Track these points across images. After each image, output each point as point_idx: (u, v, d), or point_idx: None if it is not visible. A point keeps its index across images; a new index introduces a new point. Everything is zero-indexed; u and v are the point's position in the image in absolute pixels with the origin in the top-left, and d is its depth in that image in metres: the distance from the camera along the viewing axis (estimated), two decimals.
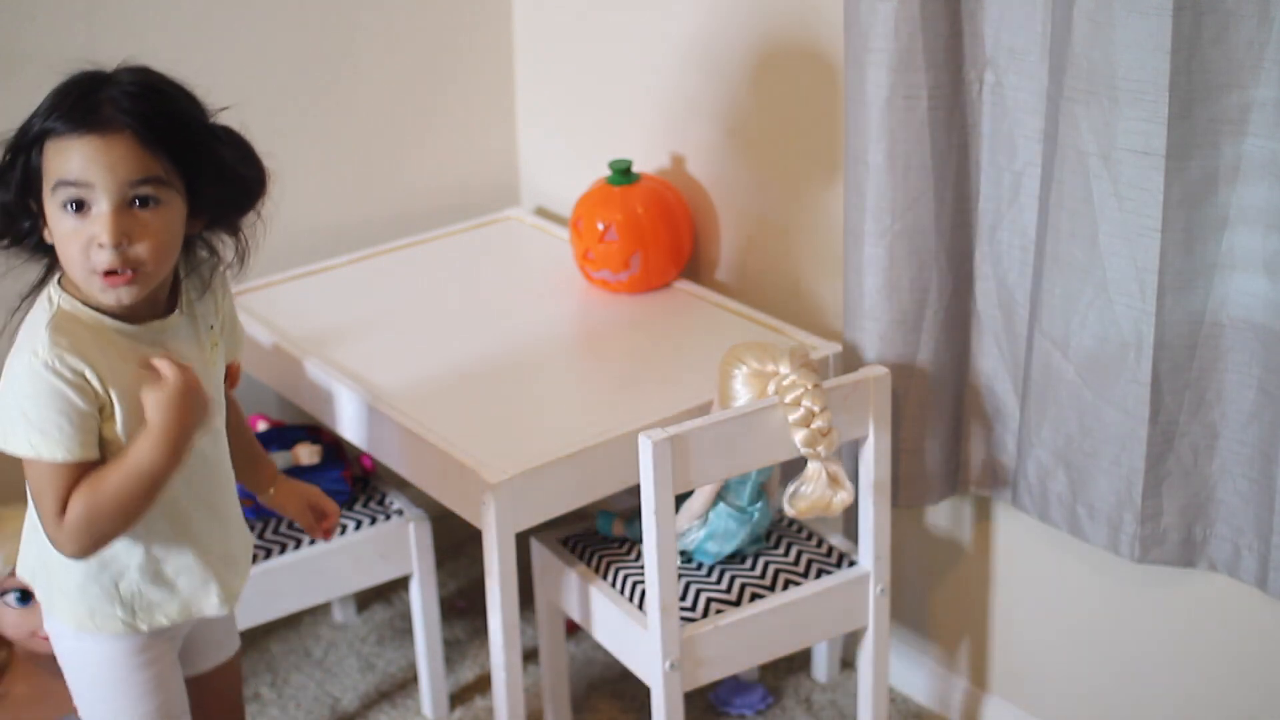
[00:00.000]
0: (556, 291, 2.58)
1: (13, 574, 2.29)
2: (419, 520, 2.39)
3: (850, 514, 2.27)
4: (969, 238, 2.13)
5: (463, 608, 2.76)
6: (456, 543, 2.85)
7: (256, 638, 2.68)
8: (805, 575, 2.16)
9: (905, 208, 2.08)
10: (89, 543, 1.62)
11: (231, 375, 1.88)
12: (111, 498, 1.60)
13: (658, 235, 2.49)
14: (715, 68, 2.50)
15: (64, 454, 1.59)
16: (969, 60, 2.04)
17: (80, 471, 1.60)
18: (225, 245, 1.73)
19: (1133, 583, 2.14)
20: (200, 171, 1.62)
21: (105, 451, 1.63)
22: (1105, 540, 2.04)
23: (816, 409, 1.97)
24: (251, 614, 2.28)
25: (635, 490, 2.01)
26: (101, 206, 1.56)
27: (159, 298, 1.68)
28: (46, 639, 2.32)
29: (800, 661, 2.58)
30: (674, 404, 2.16)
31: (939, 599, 2.45)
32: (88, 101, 1.57)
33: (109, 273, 1.58)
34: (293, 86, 2.68)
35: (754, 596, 2.11)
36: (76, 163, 1.55)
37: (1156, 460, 1.95)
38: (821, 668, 2.56)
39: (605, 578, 2.17)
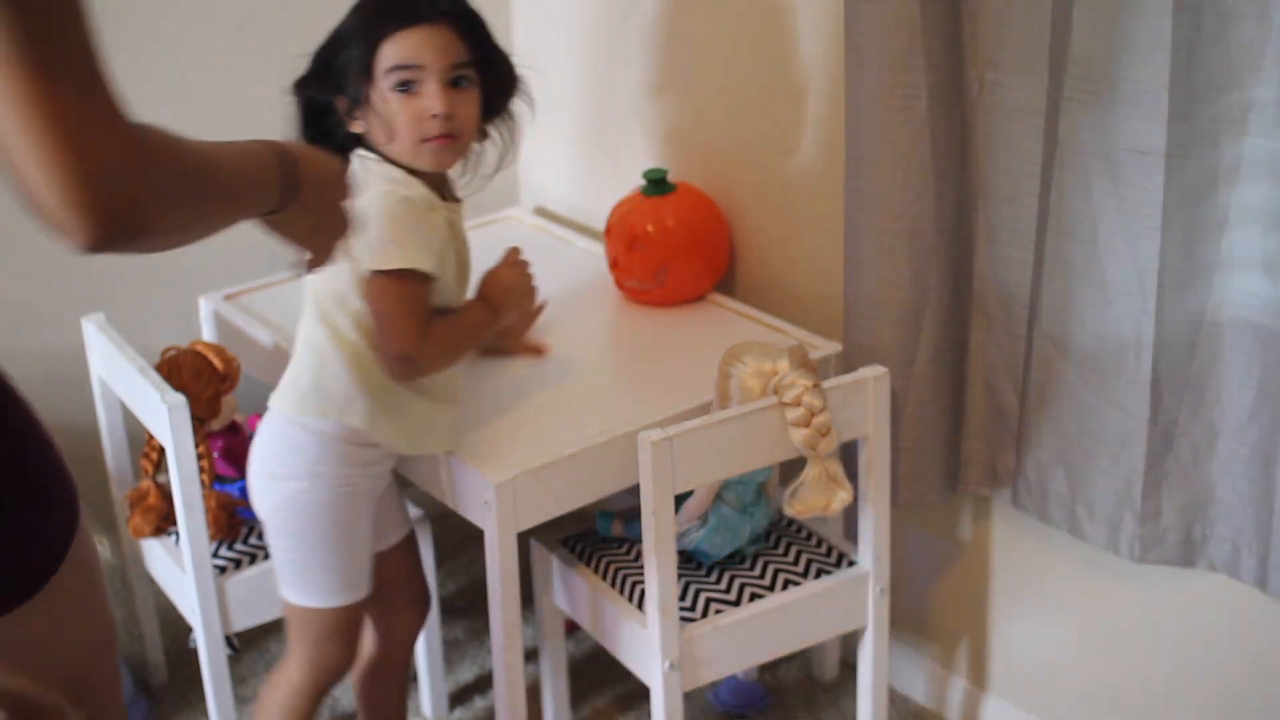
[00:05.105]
0: (556, 292, 2.58)
1: None
2: (418, 521, 2.39)
3: (850, 514, 2.27)
4: (969, 238, 2.13)
5: (464, 607, 2.76)
6: (456, 543, 2.85)
7: (256, 638, 2.68)
8: (805, 575, 2.16)
9: (905, 207, 2.07)
10: (438, 363, 1.96)
11: None
12: (454, 338, 1.96)
13: (687, 248, 2.45)
14: (715, 66, 2.50)
15: (431, 266, 1.89)
16: (969, 60, 2.04)
17: (431, 291, 1.92)
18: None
19: (1132, 583, 2.14)
20: (489, 60, 1.96)
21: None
22: (1105, 540, 2.04)
23: (816, 408, 1.97)
24: (251, 614, 2.28)
25: (635, 490, 2.01)
26: (430, 85, 1.89)
27: (448, 184, 2.01)
28: None
29: (800, 661, 2.58)
30: (674, 404, 2.16)
31: (939, 599, 2.45)
32: (409, 2, 1.89)
33: (436, 138, 1.90)
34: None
35: (754, 596, 2.11)
36: (410, 50, 1.88)
37: (1156, 460, 1.95)
38: (821, 668, 2.56)
39: (605, 578, 2.17)
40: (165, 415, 2.10)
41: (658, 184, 2.49)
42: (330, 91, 1.93)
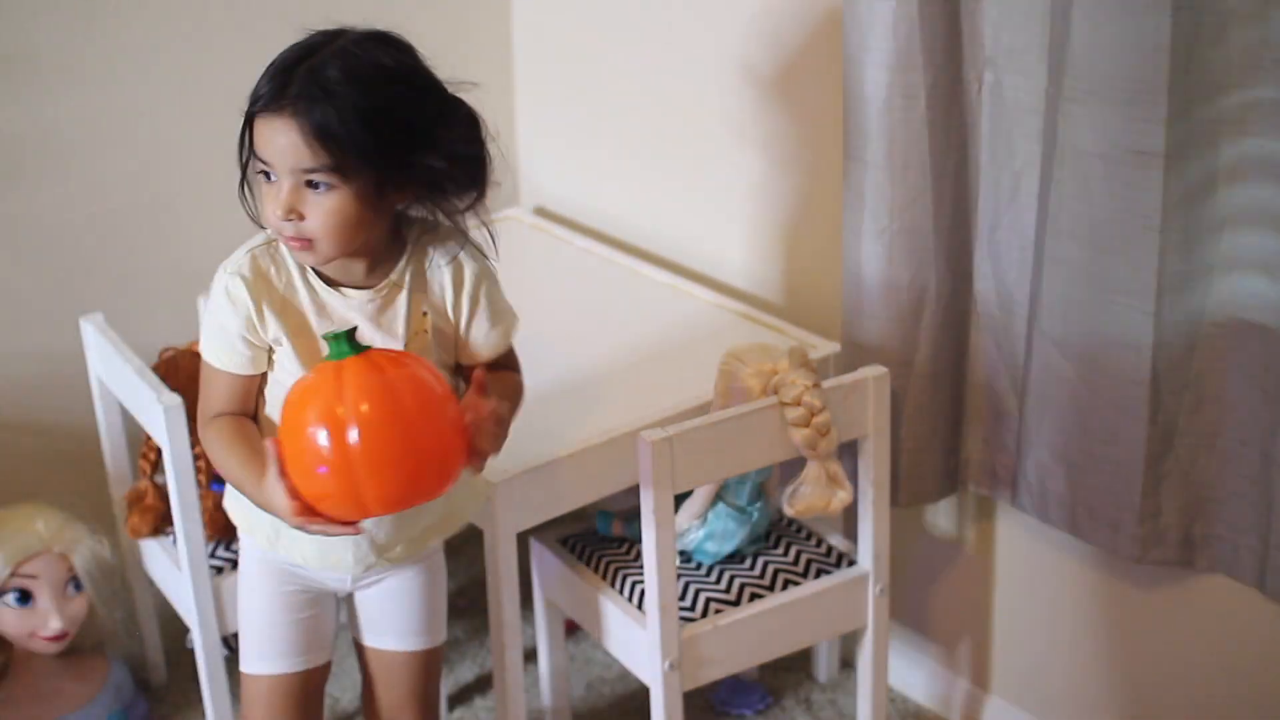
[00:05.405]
0: (556, 291, 2.58)
1: (13, 574, 2.29)
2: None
3: (850, 514, 2.27)
4: (968, 237, 2.13)
5: (465, 606, 2.76)
6: (456, 542, 2.84)
7: None
8: (805, 575, 2.16)
9: (904, 207, 2.07)
10: (208, 451, 1.78)
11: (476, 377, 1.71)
12: (226, 463, 1.74)
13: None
14: (713, 65, 2.50)
15: (217, 363, 1.75)
16: (968, 60, 2.04)
17: (237, 384, 1.75)
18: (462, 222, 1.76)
19: (1132, 583, 2.14)
20: (388, 155, 1.63)
21: (281, 372, 1.75)
22: (1105, 540, 2.04)
23: (816, 408, 1.97)
24: None
25: (635, 490, 2.01)
26: (281, 181, 1.63)
27: (365, 268, 1.73)
28: (46, 639, 2.32)
29: (800, 661, 2.58)
30: (674, 404, 2.16)
31: (939, 599, 2.45)
32: (281, 79, 1.62)
33: (287, 236, 1.66)
34: None
35: (753, 596, 2.11)
36: (261, 141, 1.63)
37: (1156, 460, 1.95)
38: (821, 668, 2.56)
39: (605, 578, 2.17)
40: (162, 416, 2.10)
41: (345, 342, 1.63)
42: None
